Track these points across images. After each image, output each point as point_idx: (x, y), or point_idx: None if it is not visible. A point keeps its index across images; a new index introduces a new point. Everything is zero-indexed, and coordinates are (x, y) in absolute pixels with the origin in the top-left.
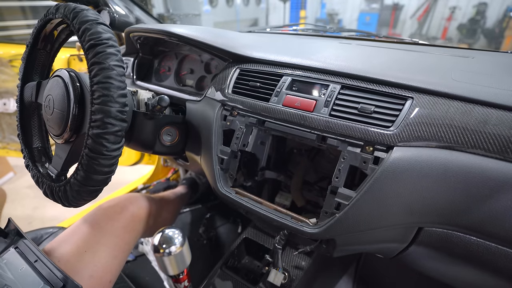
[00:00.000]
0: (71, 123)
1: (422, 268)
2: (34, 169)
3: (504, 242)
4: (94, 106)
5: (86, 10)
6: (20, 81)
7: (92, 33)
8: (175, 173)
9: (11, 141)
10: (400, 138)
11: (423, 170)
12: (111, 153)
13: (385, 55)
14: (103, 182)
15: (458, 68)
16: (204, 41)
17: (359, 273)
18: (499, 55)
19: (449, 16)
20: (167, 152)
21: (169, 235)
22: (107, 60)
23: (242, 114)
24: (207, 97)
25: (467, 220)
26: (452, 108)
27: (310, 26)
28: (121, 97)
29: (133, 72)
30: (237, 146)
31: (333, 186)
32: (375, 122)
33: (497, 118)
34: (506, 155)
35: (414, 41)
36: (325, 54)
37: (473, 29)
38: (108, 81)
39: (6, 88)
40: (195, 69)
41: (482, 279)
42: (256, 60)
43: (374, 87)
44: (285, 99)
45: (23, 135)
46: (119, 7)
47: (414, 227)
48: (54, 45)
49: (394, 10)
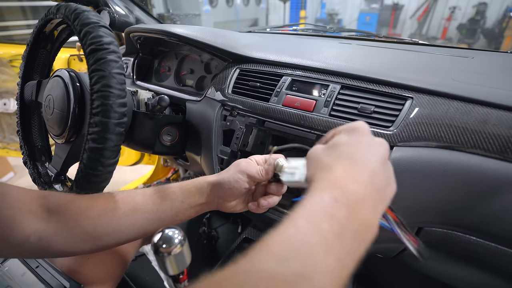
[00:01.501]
0: (71, 123)
1: (422, 268)
2: (32, 168)
3: (504, 242)
4: (93, 118)
5: (87, 11)
6: (21, 80)
7: (93, 36)
8: (175, 173)
9: (11, 141)
10: (400, 138)
11: (423, 170)
12: (106, 168)
13: (385, 55)
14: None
15: (458, 68)
16: (204, 41)
17: (359, 273)
18: (499, 55)
19: (449, 16)
20: (167, 152)
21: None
22: (107, 68)
23: (242, 114)
24: (207, 97)
25: (467, 220)
26: (452, 108)
27: (310, 26)
28: (121, 107)
29: (133, 72)
30: (237, 146)
31: None
32: (375, 122)
33: (497, 118)
34: (506, 155)
35: (414, 41)
36: (325, 54)
37: (473, 29)
38: (108, 90)
39: (6, 88)
40: (195, 69)
41: (482, 279)
42: (256, 60)
43: (374, 87)
44: (285, 99)
45: (23, 132)
46: (119, 7)
47: (414, 227)
48: (55, 45)
49: (394, 10)
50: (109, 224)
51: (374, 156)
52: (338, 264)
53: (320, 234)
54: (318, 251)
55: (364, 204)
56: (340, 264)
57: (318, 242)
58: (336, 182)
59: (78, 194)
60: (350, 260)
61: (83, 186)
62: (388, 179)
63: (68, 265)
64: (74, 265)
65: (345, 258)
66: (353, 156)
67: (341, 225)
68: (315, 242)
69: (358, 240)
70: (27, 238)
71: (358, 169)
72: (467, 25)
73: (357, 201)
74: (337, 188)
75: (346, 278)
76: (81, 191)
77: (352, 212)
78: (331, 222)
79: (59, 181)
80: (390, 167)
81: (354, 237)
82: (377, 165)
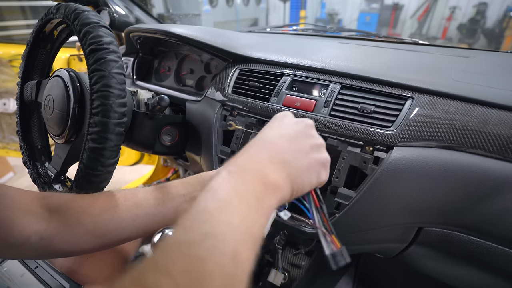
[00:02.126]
0: (71, 123)
1: (422, 268)
2: (32, 168)
3: (504, 242)
4: (93, 118)
5: (87, 11)
6: (20, 80)
7: (93, 36)
8: (175, 173)
9: (11, 141)
10: (400, 138)
11: (423, 170)
12: (106, 168)
13: (385, 55)
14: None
15: (458, 68)
16: (204, 41)
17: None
18: (499, 55)
19: (449, 16)
20: (167, 152)
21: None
22: (107, 67)
23: (242, 114)
24: (207, 97)
25: (467, 220)
26: (452, 108)
27: (310, 26)
28: (121, 107)
29: (133, 72)
30: (237, 146)
31: (333, 186)
32: (375, 122)
33: (497, 118)
34: (506, 155)
35: (414, 41)
36: (325, 54)
37: (473, 29)
38: (107, 89)
39: (6, 88)
40: (195, 69)
41: (482, 279)
42: (256, 60)
43: (374, 87)
44: (285, 99)
45: (22, 131)
46: (119, 7)
47: (414, 227)
48: (54, 45)
49: (394, 10)
50: (110, 221)
51: (278, 132)
52: (239, 220)
53: (217, 199)
54: (217, 213)
55: (257, 166)
56: (241, 219)
57: (216, 206)
58: (234, 159)
59: (78, 194)
60: (253, 216)
61: (83, 186)
62: (301, 154)
63: (67, 265)
64: (74, 265)
65: (247, 215)
66: (259, 135)
67: (236, 189)
68: (213, 207)
69: (259, 198)
70: (28, 239)
71: (256, 145)
72: (468, 25)
73: (248, 168)
74: (232, 162)
75: (256, 234)
76: (81, 191)
77: (245, 176)
78: (226, 189)
79: (59, 181)
80: (310, 139)
81: (253, 196)
82: (278, 138)
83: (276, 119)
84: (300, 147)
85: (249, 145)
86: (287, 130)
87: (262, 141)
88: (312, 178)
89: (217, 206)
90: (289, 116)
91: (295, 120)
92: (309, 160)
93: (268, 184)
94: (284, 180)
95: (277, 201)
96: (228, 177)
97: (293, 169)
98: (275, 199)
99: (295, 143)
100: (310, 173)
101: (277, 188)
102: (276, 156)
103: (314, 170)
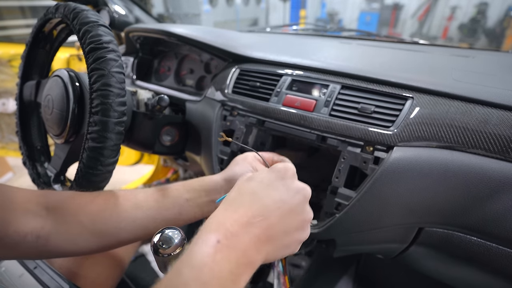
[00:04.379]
0: (71, 123)
1: (422, 269)
2: (31, 168)
3: (505, 242)
4: (93, 117)
5: (86, 10)
6: (20, 80)
7: (93, 35)
8: (175, 173)
9: (10, 141)
10: (400, 138)
11: (424, 170)
12: (106, 167)
13: (385, 55)
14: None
15: (459, 68)
16: (204, 41)
17: (359, 273)
18: (500, 55)
19: (449, 15)
20: (167, 152)
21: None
22: (107, 66)
23: (242, 114)
24: (207, 97)
25: (467, 220)
26: (452, 108)
27: (310, 26)
28: (120, 106)
29: (133, 72)
30: (237, 147)
31: (333, 186)
32: (375, 122)
33: (497, 118)
34: (507, 155)
35: (414, 40)
36: (325, 54)
37: (474, 29)
38: (107, 88)
39: (5, 88)
40: (195, 69)
41: (482, 280)
42: (256, 60)
43: (374, 87)
44: (285, 99)
45: (22, 132)
46: (119, 7)
47: (415, 228)
48: (54, 44)
49: (394, 9)
50: (109, 221)
51: (278, 198)
52: None
53: (200, 280)
54: None
55: (245, 247)
56: None
57: (197, 286)
58: (224, 223)
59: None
60: None
61: (83, 186)
62: (286, 233)
63: (66, 266)
64: (73, 266)
65: None
66: (254, 197)
67: (220, 269)
68: (194, 286)
69: (236, 280)
70: (23, 238)
71: (252, 208)
72: (468, 24)
73: (236, 247)
74: (223, 222)
75: None
76: (80, 190)
77: (232, 256)
78: (210, 268)
79: (59, 181)
80: (300, 216)
81: (232, 279)
82: (274, 210)
83: (278, 177)
84: (288, 226)
85: (246, 198)
86: (285, 198)
87: (259, 206)
88: (286, 253)
89: (198, 286)
90: (291, 177)
91: (296, 187)
92: (291, 240)
93: (249, 263)
94: (262, 258)
95: (251, 275)
96: (214, 251)
97: (274, 246)
98: (250, 274)
99: (286, 221)
100: (286, 250)
101: (255, 265)
102: (265, 233)
103: (291, 248)
